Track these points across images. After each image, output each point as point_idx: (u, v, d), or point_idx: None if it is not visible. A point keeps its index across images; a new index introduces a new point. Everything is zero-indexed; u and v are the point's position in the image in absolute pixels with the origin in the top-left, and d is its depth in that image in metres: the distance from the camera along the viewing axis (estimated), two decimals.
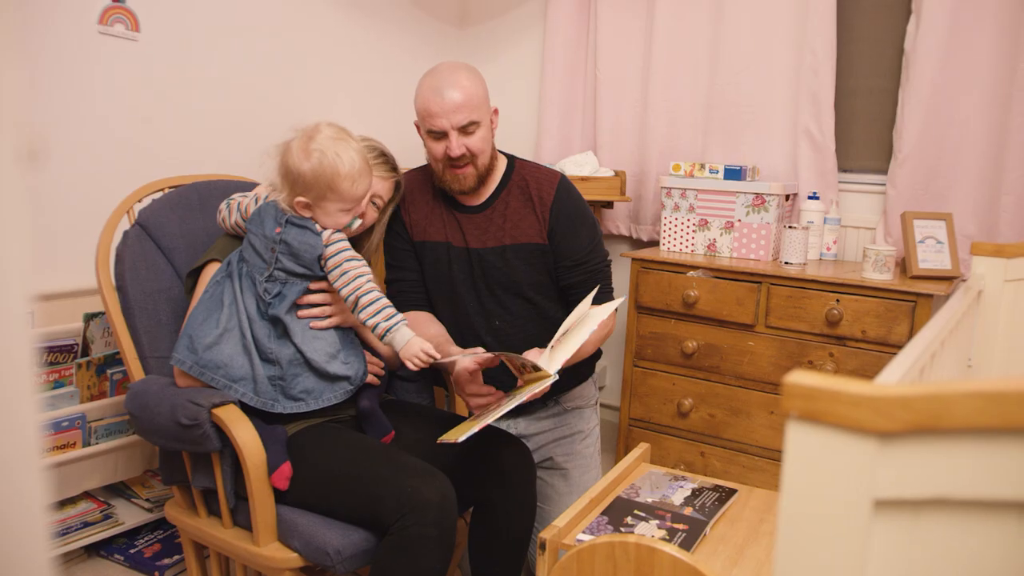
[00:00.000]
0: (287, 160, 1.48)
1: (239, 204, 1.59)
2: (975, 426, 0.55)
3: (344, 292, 1.48)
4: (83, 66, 1.94)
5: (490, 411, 1.47)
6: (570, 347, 1.48)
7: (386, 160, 1.73)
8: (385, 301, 1.48)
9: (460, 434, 1.39)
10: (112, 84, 2.00)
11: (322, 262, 1.49)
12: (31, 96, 1.79)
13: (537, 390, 1.43)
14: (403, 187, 1.83)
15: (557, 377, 1.44)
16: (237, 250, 1.55)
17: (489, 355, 1.51)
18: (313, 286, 1.52)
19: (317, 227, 1.50)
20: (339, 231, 1.52)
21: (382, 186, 1.72)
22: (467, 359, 1.52)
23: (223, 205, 1.62)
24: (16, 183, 0.34)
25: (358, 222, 1.55)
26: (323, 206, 1.49)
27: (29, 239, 0.35)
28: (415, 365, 1.44)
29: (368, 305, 1.47)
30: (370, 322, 1.47)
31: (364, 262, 1.52)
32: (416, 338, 1.46)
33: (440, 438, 1.43)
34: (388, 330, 1.46)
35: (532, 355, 1.51)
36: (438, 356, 1.46)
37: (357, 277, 1.48)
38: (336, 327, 1.54)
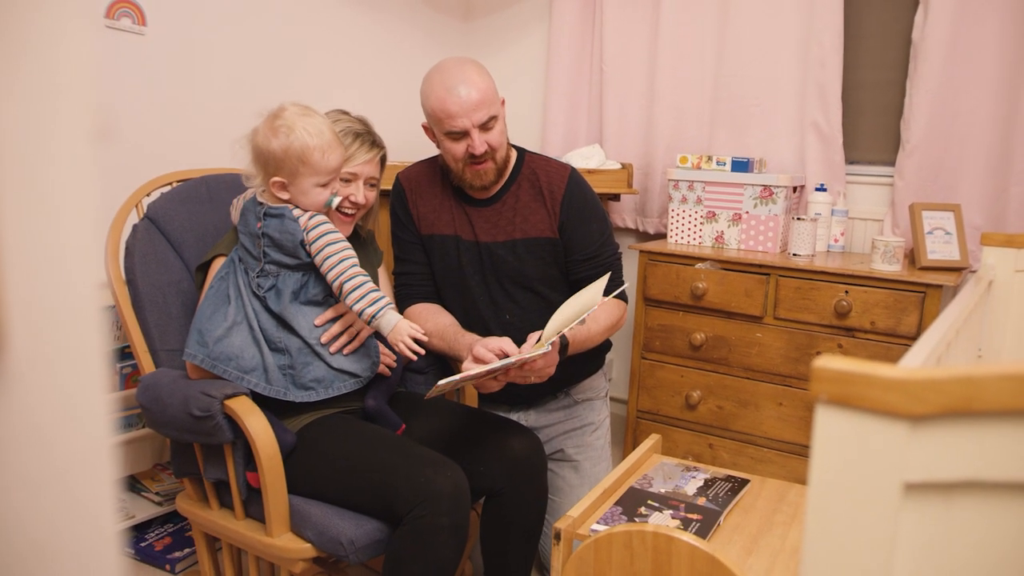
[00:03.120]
0: (256, 142, 1.48)
1: (235, 205, 1.60)
2: (1008, 408, 0.55)
3: (329, 277, 1.47)
4: None
5: (473, 369, 1.46)
6: (560, 320, 1.47)
7: (362, 140, 1.64)
8: (370, 285, 1.47)
9: (444, 386, 1.39)
10: (119, 78, 2.00)
11: (305, 248, 1.48)
12: (99, 74, 1.76)
13: (526, 356, 1.44)
14: (410, 179, 1.82)
15: (548, 349, 1.45)
16: (236, 248, 1.55)
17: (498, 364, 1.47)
18: (320, 320, 1.51)
19: (294, 213, 1.49)
20: (318, 214, 1.50)
21: (371, 167, 1.65)
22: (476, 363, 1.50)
23: (233, 203, 1.62)
24: (89, 163, 0.34)
25: (337, 199, 1.52)
26: (298, 183, 1.47)
27: (99, 220, 0.35)
28: (405, 348, 1.44)
29: (353, 290, 1.46)
30: (356, 307, 1.46)
31: (347, 244, 1.50)
32: (403, 321, 1.46)
33: (427, 394, 1.42)
34: (374, 315, 1.46)
35: (533, 341, 1.52)
36: (426, 338, 1.47)
37: (341, 261, 1.47)
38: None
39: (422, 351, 1.47)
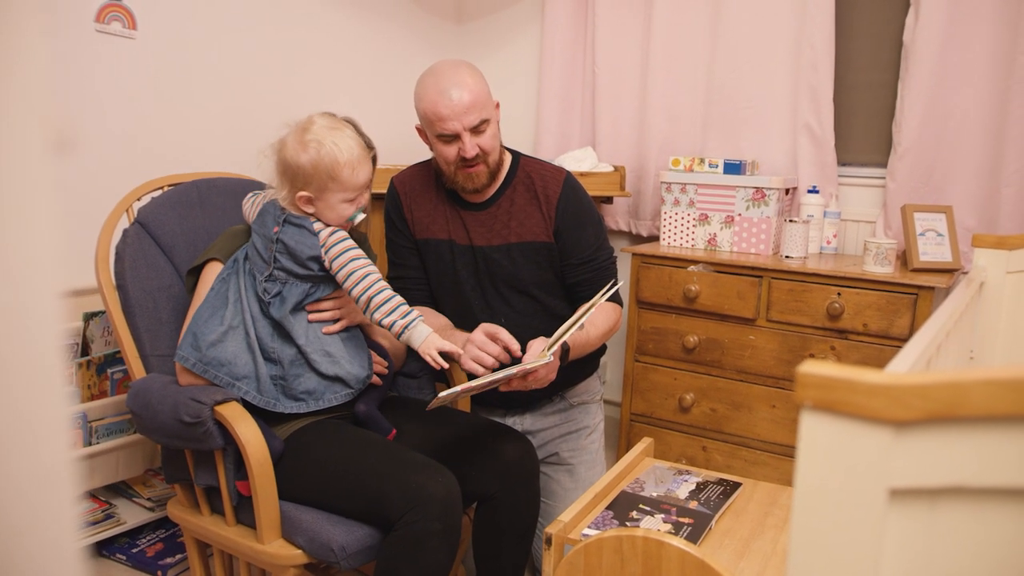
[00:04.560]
0: (284, 155, 1.47)
1: (253, 202, 1.59)
2: (992, 414, 0.55)
3: (355, 293, 1.47)
4: (80, 64, 1.93)
5: (477, 378, 1.46)
6: (561, 329, 1.49)
7: None
8: (399, 299, 1.47)
9: (447, 397, 1.38)
10: (110, 82, 1.99)
11: (325, 263, 1.48)
12: (57, 83, 1.75)
13: (529, 367, 1.44)
14: (404, 182, 1.82)
15: (550, 359, 1.45)
16: (243, 247, 1.54)
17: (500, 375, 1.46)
18: (313, 316, 1.50)
19: (315, 226, 1.48)
20: (338, 230, 1.50)
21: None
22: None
23: (248, 198, 1.62)
24: (45, 173, 0.34)
25: (361, 215, 1.52)
26: (325, 198, 1.47)
27: (59, 230, 0.34)
28: (434, 362, 1.43)
29: (382, 304, 1.45)
30: (385, 321, 1.45)
31: (369, 260, 1.50)
32: (433, 335, 1.46)
33: (428, 405, 1.41)
34: (405, 328, 1.45)
35: (535, 350, 1.51)
36: (461, 351, 1.47)
37: (365, 276, 1.46)
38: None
39: (446, 364, 1.46)
